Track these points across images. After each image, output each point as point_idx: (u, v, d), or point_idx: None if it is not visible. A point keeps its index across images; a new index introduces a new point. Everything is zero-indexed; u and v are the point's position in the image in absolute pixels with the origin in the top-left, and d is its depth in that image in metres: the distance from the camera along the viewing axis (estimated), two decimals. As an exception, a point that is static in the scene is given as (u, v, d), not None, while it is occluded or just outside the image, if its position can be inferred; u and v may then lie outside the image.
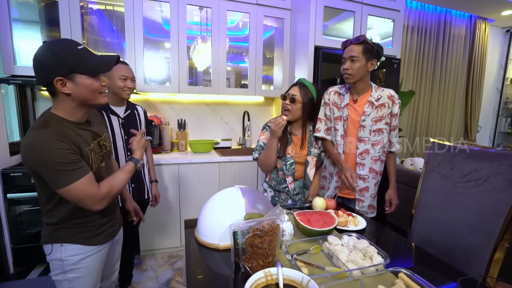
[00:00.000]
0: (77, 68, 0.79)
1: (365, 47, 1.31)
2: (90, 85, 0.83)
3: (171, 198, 2.09)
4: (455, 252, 1.10)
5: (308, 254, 0.87)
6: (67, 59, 0.78)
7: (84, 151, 0.87)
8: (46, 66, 0.78)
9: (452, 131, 3.83)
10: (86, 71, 0.81)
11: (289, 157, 1.40)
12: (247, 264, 0.77)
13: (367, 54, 1.31)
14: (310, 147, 1.44)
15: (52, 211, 0.89)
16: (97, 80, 0.85)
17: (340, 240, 0.91)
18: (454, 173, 1.18)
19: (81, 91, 0.82)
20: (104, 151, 1.00)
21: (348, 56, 1.34)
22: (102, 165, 0.97)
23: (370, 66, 1.34)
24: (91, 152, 0.90)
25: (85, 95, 0.83)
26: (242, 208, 0.95)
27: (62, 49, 0.79)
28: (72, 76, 0.80)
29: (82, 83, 0.81)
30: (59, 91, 0.81)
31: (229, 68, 2.79)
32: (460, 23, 3.58)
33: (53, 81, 0.78)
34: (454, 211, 1.14)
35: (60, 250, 0.91)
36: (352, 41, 1.34)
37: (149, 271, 1.93)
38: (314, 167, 1.44)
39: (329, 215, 1.05)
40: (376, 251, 0.84)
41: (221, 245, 0.92)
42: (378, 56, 1.35)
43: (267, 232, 0.77)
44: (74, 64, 0.79)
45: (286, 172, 1.40)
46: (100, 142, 0.98)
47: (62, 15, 1.86)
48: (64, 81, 0.79)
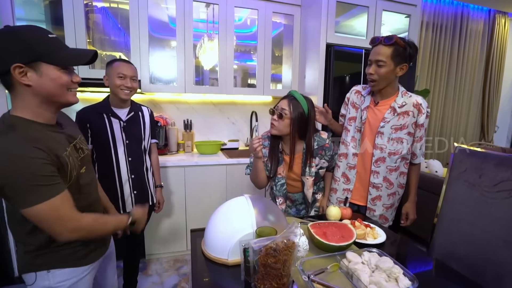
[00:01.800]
0: (44, 57, 0.67)
1: (395, 49, 1.16)
2: (57, 78, 0.70)
3: (177, 201, 2.03)
4: (484, 268, 1.00)
5: (325, 273, 0.80)
6: (33, 45, 0.66)
7: (62, 158, 0.72)
8: (4, 49, 0.65)
9: (468, 131, 3.67)
10: (55, 61, 0.69)
11: (280, 177, 1.31)
12: (260, 286, 0.70)
13: (396, 58, 1.18)
14: (304, 167, 1.30)
15: (32, 234, 0.74)
16: (68, 74, 0.72)
17: (360, 257, 0.83)
18: (483, 182, 1.08)
19: (45, 84, 0.69)
20: (82, 155, 0.85)
21: (375, 60, 1.20)
22: (82, 171, 0.83)
23: (399, 71, 1.21)
24: (69, 158, 0.76)
25: (50, 89, 0.70)
26: (252, 220, 0.88)
27: (29, 33, 0.67)
28: (37, 64, 0.67)
29: (48, 75, 0.68)
30: (16, 81, 0.67)
31: (236, 67, 2.72)
32: (478, 17, 3.41)
33: (10, 68, 0.65)
34: (483, 223, 1.04)
35: (47, 278, 0.78)
36: (382, 40, 1.19)
37: (154, 276, 1.88)
38: (311, 187, 1.33)
39: (346, 228, 0.97)
40: (402, 272, 0.75)
41: (230, 261, 0.85)
42: (410, 59, 1.20)
43: (281, 251, 0.69)
44: (42, 51, 0.67)
45: (277, 193, 1.33)
46: (76, 145, 0.83)
47: (66, 13, 1.81)
48: (24, 70, 0.66)
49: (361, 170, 1.36)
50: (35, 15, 2.01)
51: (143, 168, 1.49)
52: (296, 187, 1.36)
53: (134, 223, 0.90)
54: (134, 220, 0.92)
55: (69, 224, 0.71)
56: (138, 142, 1.45)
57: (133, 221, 0.90)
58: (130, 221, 0.87)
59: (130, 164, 1.42)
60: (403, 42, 1.17)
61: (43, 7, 2.00)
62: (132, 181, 1.43)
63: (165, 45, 2.38)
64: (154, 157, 1.60)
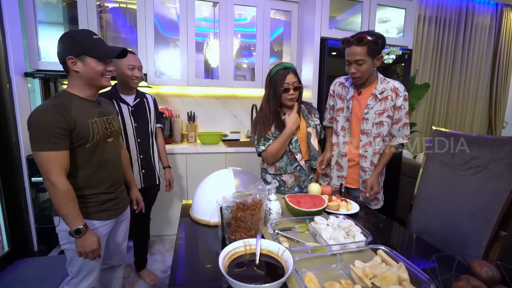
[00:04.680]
0: (87, 51, 0.95)
1: (369, 46, 1.23)
2: (95, 67, 0.97)
3: (179, 187, 2.18)
4: (452, 240, 1.07)
5: (292, 231, 0.90)
6: (80, 42, 0.94)
7: (83, 123, 0.96)
8: (64, 46, 0.95)
9: (474, 127, 3.63)
10: (94, 55, 0.96)
11: (292, 135, 1.40)
12: (231, 237, 0.82)
13: (372, 53, 1.25)
14: (308, 119, 1.44)
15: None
16: (103, 65, 0.98)
17: (326, 220, 0.92)
18: (455, 161, 1.14)
19: (88, 71, 0.96)
20: (112, 129, 1.09)
21: (354, 60, 1.28)
22: (108, 140, 1.06)
23: (377, 62, 1.30)
24: (93, 125, 0.99)
25: (91, 75, 0.97)
26: (233, 188, 0.99)
27: (79, 35, 0.97)
28: (83, 57, 0.95)
29: (90, 64, 0.96)
30: (70, 68, 0.96)
31: (245, 66, 2.85)
32: (485, 11, 3.37)
33: (66, 59, 0.94)
34: (453, 198, 1.11)
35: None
36: (353, 41, 1.24)
37: (157, 254, 2.04)
38: (316, 137, 1.45)
39: (319, 198, 1.07)
40: (360, 230, 0.84)
41: (211, 221, 0.97)
42: (382, 47, 1.29)
43: (249, 206, 0.81)
44: (86, 47, 0.95)
45: (294, 150, 1.40)
46: (107, 120, 1.07)
47: (81, 14, 2.01)
48: (75, 60, 0.95)
49: (351, 156, 1.45)
50: (55, 17, 2.22)
51: (150, 150, 1.65)
52: (302, 149, 1.44)
53: (76, 232, 0.93)
54: (76, 231, 0.93)
55: (51, 177, 0.89)
56: (145, 124, 1.61)
57: (75, 231, 0.93)
58: (75, 229, 0.92)
59: (139, 145, 1.59)
60: (373, 38, 1.23)
61: (61, 8, 2.21)
62: (141, 161, 1.60)
63: (175, 44, 2.54)
64: (160, 140, 1.75)
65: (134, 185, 1.40)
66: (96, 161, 1.02)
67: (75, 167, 0.98)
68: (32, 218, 1.95)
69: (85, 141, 0.97)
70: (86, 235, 0.95)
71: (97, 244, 0.98)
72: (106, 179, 1.06)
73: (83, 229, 0.93)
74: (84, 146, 0.97)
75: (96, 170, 1.03)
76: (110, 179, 1.08)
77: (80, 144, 0.96)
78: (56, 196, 0.91)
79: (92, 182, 1.02)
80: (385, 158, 1.41)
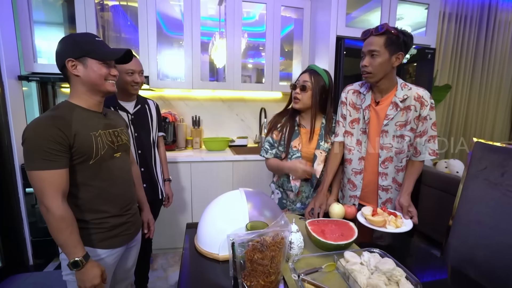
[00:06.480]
0: (89, 53, 0.85)
1: (388, 38, 1.08)
2: (98, 70, 0.87)
3: (183, 197, 2.04)
4: (506, 277, 0.90)
5: (319, 273, 0.74)
6: (82, 44, 0.85)
7: (83, 136, 0.84)
8: (63, 48, 0.86)
9: (495, 131, 3.41)
10: (96, 56, 0.86)
11: (295, 150, 1.27)
12: (246, 283, 0.66)
13: (390, 47, 1.09)
14: (320, 141, 1.28)
15: None
16: (106, 68, 0.88)
17: (359, 257, 0.76)
18: (506, 180, 0.97)
19: (89, 75, 0.86)
20: (120, 142, 0.97)
21: (367, 51, 1.12)
22: (116, 156, 0.94)
23: (395, 61, 1.11)
24: (97, 138, 0.88)
25: (93, 79, 0.87)
26: (245, 215, 0.84)
27: (80, 36, 0.88)
28: (84, 59, 0.85)
29: (91, 67, 0.86)
30: (70, 73, 0.86)
31: (250, 66, 2.69)
32: (509, 7, 3.15)
33: (65, 62, 0.84)
34: (506, 226, 0.93)
35: None
36: (372, 31, 1.12)
37: (160, 270, 1.90)
38: (322, 163, 1.28)
39: (347, 226, 0.91)
40: (405, 275, 0.68)
41: (220, 256, 0.82)
42: (406, 48, 1.11)
43: (269, 246, 0.65)
44: (87, 49, 0.85)
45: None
46: (115, 132, 0.96)
47: (78, 12, 1.87)
48: (75, 63, 0.85)
49: (368, 173, 1.26)
50: (54, 18, 2.09)
51: (152, 161, 1.50)
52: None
53: (74, 265, 0.80)
54: (73, 264, 0.80)
55: (44, 200, 0.77)
56: (147, 134, 1.46)
57: (72, 264, 0.80)
58: (71, 261, 0.79)
59: (140, 157, 1.43)
60: (395, 30, 1.09)
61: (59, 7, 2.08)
62: (142, 174, 1.44)
63: (178, 44, 2.40)
64: (161, 150, 1.60)
65: (146, 205, 1.24)
66: (102, 180, 0.89)
67: (76, 187, 0.85)
68: (27, 230, 1.84)
69: (88, 157, 0.85)
70: (87, 267, 0.81)
71: (99, 279, 0.83)
72: (114, 200, 0.92)
73: (81, 261, 0.79)
74: (87, 163, 0.85)
75: (102, 190, 0.89)
76: (119, 201, 0.94)
77: (82, 160, 0.84)
78: (50, 223, 0.78)
79: (97, 204, 0.88)
80: (414, 175, 1.20)
